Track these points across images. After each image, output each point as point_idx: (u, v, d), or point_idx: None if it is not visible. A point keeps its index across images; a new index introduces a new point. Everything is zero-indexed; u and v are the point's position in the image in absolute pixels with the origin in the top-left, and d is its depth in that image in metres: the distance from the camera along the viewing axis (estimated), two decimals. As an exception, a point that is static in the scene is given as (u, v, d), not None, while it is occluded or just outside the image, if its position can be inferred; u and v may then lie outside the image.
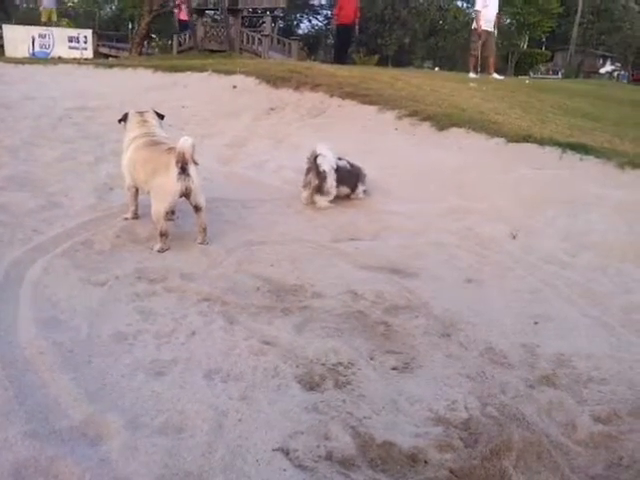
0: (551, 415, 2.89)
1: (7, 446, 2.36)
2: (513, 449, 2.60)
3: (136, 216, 5.39)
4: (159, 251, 4.78)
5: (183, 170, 4.65)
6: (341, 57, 18.89)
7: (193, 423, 2.65)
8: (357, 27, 19.03)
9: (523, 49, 34.75)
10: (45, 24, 25.28)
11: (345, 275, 4.57)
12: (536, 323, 3.89)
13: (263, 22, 28.06)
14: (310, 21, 54.91)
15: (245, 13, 27.90)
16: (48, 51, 24.07)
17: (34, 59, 20.31)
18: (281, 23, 36.41)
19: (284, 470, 2.39)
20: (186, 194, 4.79)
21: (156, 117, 5.52)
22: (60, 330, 3.45)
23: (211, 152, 7.92)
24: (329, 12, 51.94)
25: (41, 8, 26.71)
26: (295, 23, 53.59)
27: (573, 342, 3.65)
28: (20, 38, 23.81)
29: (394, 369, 3.29)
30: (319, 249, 5.08)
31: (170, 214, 5.23)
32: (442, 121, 8.63)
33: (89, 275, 4.25)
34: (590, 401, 3.02)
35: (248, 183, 7.05)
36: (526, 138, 7.72)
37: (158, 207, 4.79)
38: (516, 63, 34.11)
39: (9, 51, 23.18)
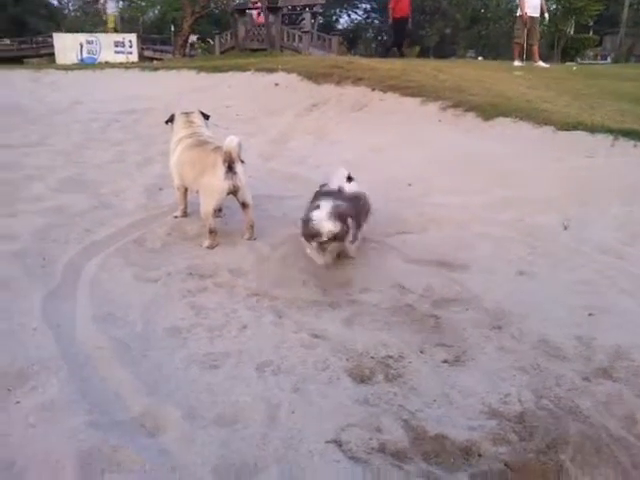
0: (609, 408, 2.81)
1: (73, 435, 2.47)
2: (570, 443, 2.54)
3: (185, 214, 5.52)
4: (208, 247, 4.88)
5: (230, 169, 4.74)
6: (399, 49, 19.04)
7: (247, 415, 2.70)
8: (411, 20, 19.16)
9: (570, 34, 33.62)
10: (113, 29, 26.01)
11: (393, 269, 4.55)
12: (591, 315, 3.78)
13: (303, 19, 28.18)
14: (349, 15, 54.77)
15: (285, 11, 28.08)
16: (95, 57, 24.85)
17: (82, 65, 21.01)
18: (320, 19, 36.43)
19: (337, 462, 2.41)
20: (233, 192, 4.87)
21: (202, 117, 5.63)
22: (117, 326, 3.57)
23: (254, 149, 8.02)
24: (368, 6, 51.67)
25: (108, 12, 27.46)
26: (334, 18, 53.51)
27: (631, 334, 3.53)
28: (69, 45, 24.66)
29: (445, 362, 3.27)
30: (365, 242, 5.07)
31: (218, 212, 5.33)
32: (487, 111, 8.48)
33: (142, 272, 4.38)
34: (651, 394, 2.92)
35: (291, 179, 7.11)
36: (576, 126, 7.50)
37: (207, 205, 4.89)
38: (562, 49, 33.00)
39: (59, 58, 24.05)
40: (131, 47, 25.83)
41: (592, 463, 2.47)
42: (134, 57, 25.17)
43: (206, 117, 5.73)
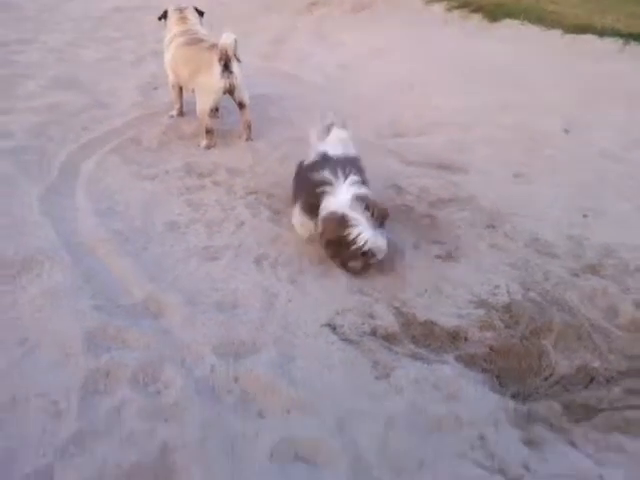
0: (594, 301, 2.93)
1: (79, 316, 2.59)
2: (553, 330, 2.68)
3: (181, 114, 5.43)
4: (205, 148, 4.85)
5: (226, 67, 4.61)
6: None
7: (246, 302, 2.81)
8: None
9: None
10: None
11: (389, 170, 4.56)
12: (585, 216, 3.84)
13: None
14: None
15: None
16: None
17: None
18: None
19: (332, 343, 2.55)
20: (230, 91, 4.77)
21: (196, 14, 5.40)
22: (117, 220, 3.62)
23: (252, 49, 7.74)
24: None
25: None
26: None
27: (622, 234, 3.61)
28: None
29: (438, 257, 3.36)
30: (363, 145, 5.02)
31: (214, 111, 5.24)
32: (494, 12, 8.13)
33: (139, 170, 4.38)
34: (634, 289, 3.03)
35: (290, 79, 6.92)
36: (584, 29, 7.23)
37: (202, 104, 4.81)
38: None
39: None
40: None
41: (572, 348, 2.61)
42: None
43: (200, 13, 5.49)
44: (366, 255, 2.98)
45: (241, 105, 4.91)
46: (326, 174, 3.23)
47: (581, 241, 3.52)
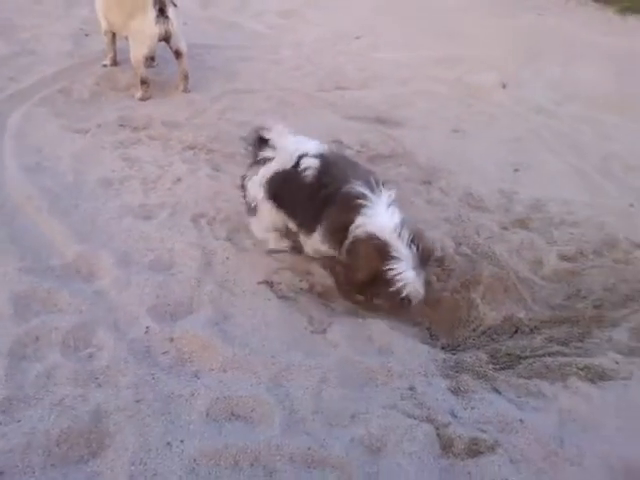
0: (521, 254, 3.07)
1: (6, 280, 2.50)
2: (482, 283, 2.79)
3: (115, 63, 5.17)
4: (141, 99, 4.67)
5: (161, 12, 4.41)
6: None
7: (182, 261, 2.79)
8: None
9: None
10: None
11: (330, 124, 4.53)
12: (516, 170, 3.97)
13: None
14: None
15: None
16: None
17: None
18: None
19: (268, 300, 2.57)
20: (165, 38, 4.57)
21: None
22: (46, 176, 3.47)
23: (191, -6, 7.40)
24: None
25: None
26: None
27: (551, 189, 3.76)
28: None
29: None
30: (305, 98, 4.97)
31: (150, 60, 5.03)
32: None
33: (70, 123, 4.19)
34: (559, 242, 3.19)
35: (230, 28, 6.68)
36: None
37: (137, 52, 4.59)
38: None
39: None
40: None
41: (500, 300, 2.74)
42: None
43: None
44: (398, 298, 2.42)
45: (178, 54, 4.72)
46: (358, 187, 2.51)
47: (511, 195, 3.64)
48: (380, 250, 2.38)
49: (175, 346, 2.23)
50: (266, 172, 2.73)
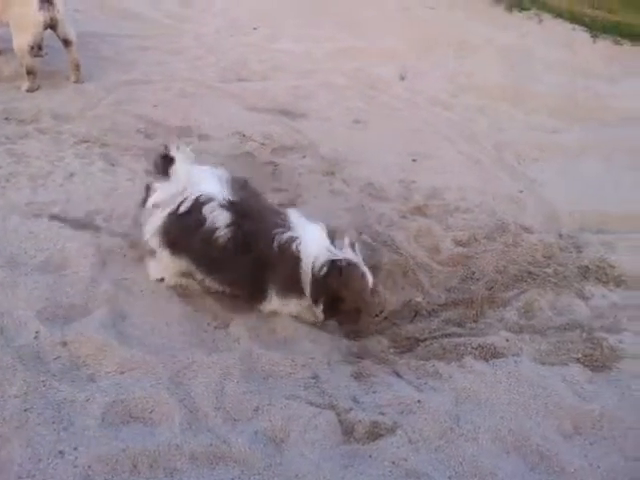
0: (419, 241, 3.19)
1: None
2: (382, 269, 2.87)
3: (-2, 51, 4.81)
4: (28, 90, 4.38)
5: (45, -2, 4.16)
6: None
7: (75, 260, 2.65)
8: None
9: None
10: None
11: (233, 117, 4.47)
12: (414, 160, 4.10)
13: None
14: None
15: None
16: None
17: None
18: None
19: (169, 298, 2.51)
20: (52, 25, 4.30)
21: None
22: None
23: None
24: None
25: None
26: None
27: (447, 177, 3.92)
28: None
29: (281, 205, 3.38)
30: (206, 90, 4.87)
31: (37, 49, 4.71)
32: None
33: (-55, 117, 3.86)
34: (454, 227, 3.34)
35: (126, 17, 6.39)
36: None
37: (20, 40, 4.29)
38: None
39: None
40: None
41: (400, 285, 2.83)
42: None
43: None
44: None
45: (66, 42, 4.47)
46: (285, 232, 2.39)
47: (409, 185, 3.77)
48: (358, 275, 2.37)
49: (68, 350, 2.12)
50: (161, 215, 2.41)
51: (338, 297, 2.35)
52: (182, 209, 2.38)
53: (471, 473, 1.83)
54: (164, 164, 2.48)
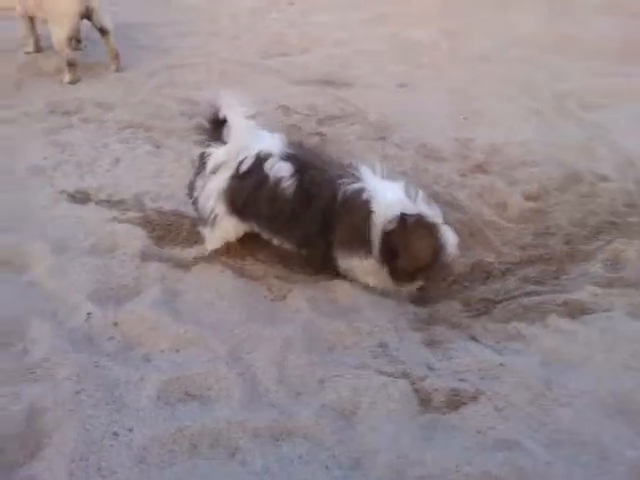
0: (483, 198, 2.94)
1: None
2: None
3: (39, 49, 4.82)
4: (70, 83, 4.37)
5: (79, -13, 4.12)
6: None
7: (125, 242, 2.55)
8: None
9: None
10: None
11: (276, 91, 4.32)
12: (465, 118, 3.85)
13: None
14: None
15: None
16: None
17: None
18: None
19: (222, 272, 2.36)
20: (87, 15, 4.27)
21: None
22: (-32, 169, 3.18)
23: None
24: None
25: None
26: None
27: (505, 132, 3.65)
28: None
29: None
30: (247, 67, 4.74)
31: (75, 42, 4.72)
32: None
33: (-7, 114, 3.87)
34: (521, 182, 3.07)
35: (163, 4, 6.37)
36: None
37: (59, 33, 4.27)
38: None
39: None
40: None
41: (467, 245, 2.59)
42: None
43: None
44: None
45: (103, 31, 4.43)
46: (353, 183, 2.22)
47: (466, 143, 3.52)
48: (428, 227, 2.15)
49: (120, 330, 2.01)
50: (222, 178, 2.28)
51: (406, 255, 2.13)
52: (243, 169, 2.25)
53: (570, 441, 1.60)
54: (215, 127, 2.34)
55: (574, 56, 4.77)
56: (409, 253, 2.15)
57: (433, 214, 2.18)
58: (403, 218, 2.12)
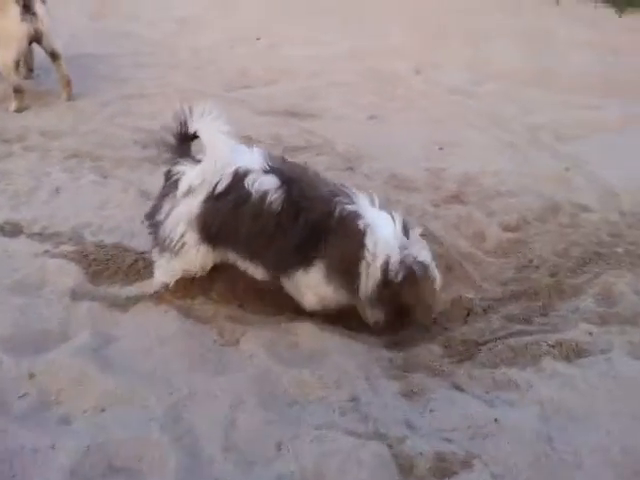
0: (459, 229, 2.71)
1: None
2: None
3: (-18, 74, 4.51)
4: (16, 111, 4.06)
5: (27, 9, 3.84)
6: None
7: (55, 279, 2.22)
8: None
9: None
10: None
11: (239, 121, 4.04)
12: (441, 149, 3.66)
13: None
14: None
15: None
16: None
17: None
18: None
19: (165, 313, 2.04)
20: (36, 39, 4.00)
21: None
22: None
23: (77, 7, 6.82)
24: None
25: None
26: None
27: (479, 162, 3.47)
28: None
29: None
30: (209, 98, 4.50)
31: (27, 70, 4.46)
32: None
33: None
34: (498, 212, 2.86)
35: (124, 37, 6.14)
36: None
37: (5, 57, 3.98)
38: None
39: None
40: None
41: (445, 280, 2.32)
42: None
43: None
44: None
45: (54, 56, 4.15)
46: (350, 205, 2.05)
47: (438, 173, 3.33)
48: (432, 277, 2.01)
49: (37, 385, 1.67)
50: (195, 203, 2.01)
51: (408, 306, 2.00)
52: (219, 189, 1.99)
53: (582, 514, 1.31)
54: (182, 143, 2.10)
55: (548, 90, 4.70)
56: (423, 305, 2.02)
57: (427, 254, 2.04)
58: (411, 271, 1.96)
